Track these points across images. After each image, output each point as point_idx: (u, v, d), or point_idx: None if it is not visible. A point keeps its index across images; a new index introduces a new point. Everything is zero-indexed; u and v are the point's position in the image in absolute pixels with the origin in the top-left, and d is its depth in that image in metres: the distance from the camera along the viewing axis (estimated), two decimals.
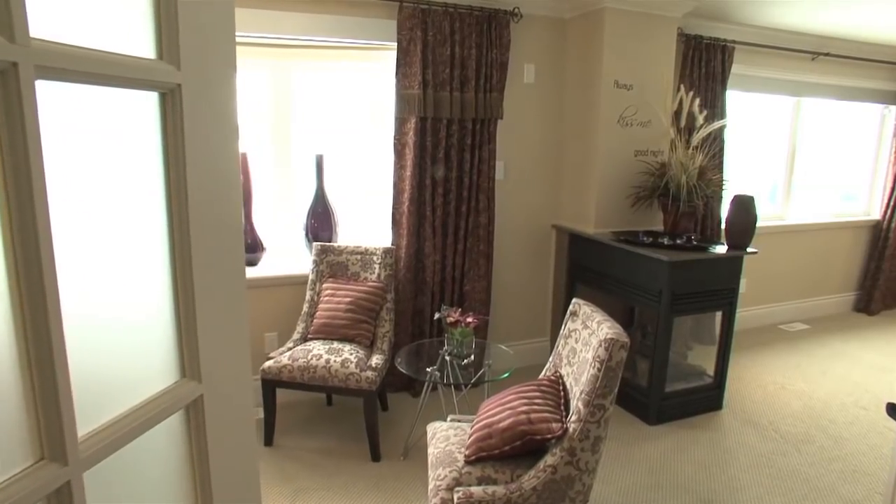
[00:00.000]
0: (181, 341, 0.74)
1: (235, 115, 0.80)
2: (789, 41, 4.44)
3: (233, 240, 0.81)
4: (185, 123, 0.70)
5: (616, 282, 3.47)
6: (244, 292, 0.84)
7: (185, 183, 0.71)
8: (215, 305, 0.78)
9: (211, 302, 0.77)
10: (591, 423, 1.83)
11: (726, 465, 2.89)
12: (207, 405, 0.76)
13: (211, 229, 0.77)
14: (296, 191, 3.51)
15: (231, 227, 0.81)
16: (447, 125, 3.37)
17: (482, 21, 3.34)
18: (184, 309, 0.74)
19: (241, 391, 0.83)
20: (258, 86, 3.34)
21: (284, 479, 2.69)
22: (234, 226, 0.82)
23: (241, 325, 0.83)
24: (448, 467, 1.97)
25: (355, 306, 3.06)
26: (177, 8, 0.67)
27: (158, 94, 0.69)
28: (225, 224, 0.80)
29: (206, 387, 0.76)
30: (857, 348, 4.56)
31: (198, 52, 0.71)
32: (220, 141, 0.77)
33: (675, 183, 3.43)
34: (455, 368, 2.80)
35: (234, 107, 0.80)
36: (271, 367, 2.83)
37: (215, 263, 0.78)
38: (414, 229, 3.41)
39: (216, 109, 0.75)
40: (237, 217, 0.83)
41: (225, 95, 0.77)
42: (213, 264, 0.77)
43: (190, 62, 0.70)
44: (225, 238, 0.79)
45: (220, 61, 0.76)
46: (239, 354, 0.83)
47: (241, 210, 0.84)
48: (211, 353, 0.77)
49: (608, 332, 1.86)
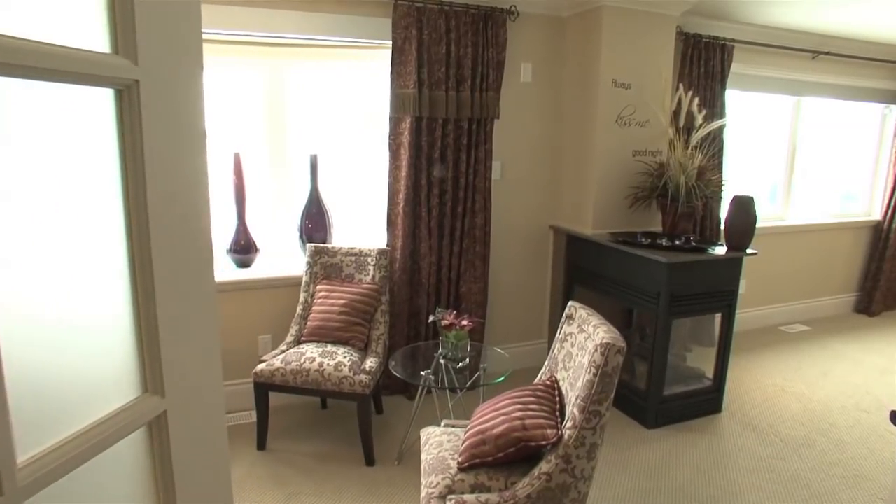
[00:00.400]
0: (142, 353, 0.70)
1: (202, 116, 0.76)
2: (789, 40, 4.39)
3: (200, 244, 0.77)
4: (143, 122, 0.65)
5: (614, 283, 3.43)
6: (214, 299, 0.80)
7: (143, 185, 0.66)
8: (180, 313, 0.74)
9: (175, 310, 0.72)
10: (586, 429, 1.79)
11: (725, 469, 2.85)
12: (172, 421, 0.72)
13: (175, 233, 0.72)
14: (290, 191, 3.47)
15: (197, 231, 0.77)
16: (443, 125, 3.33)
17: (478, 19, 3.30)
18: (144, 318, 0.69)
19: (211, 405, 0.79)
20: (252, 85, 3.30)
21: (277, 484, 2.65)
22: (200, 229, 0.77)
23: (211, 333, 0.79)
24: (440, 474, 1.93)
25: (349, 308, 3.02)
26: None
27: (114, 90, 0.65)
28: (191, 227, 0.75)
29: (170, 402, 0.72)
30: (858, 350, 4.52)
31: (158, 47, 0.67)
32: (185, 141, 0.72)
33: (673, 183, 3.39)
34: (450, 372, 2.76)
35: (200, 106, 0.75)
36: (263, 371, 2.79)
37: (180, 269, 0.73)
38: (409, 230, 3.37)
39: (180, 108, 0.71)
40: (204, 220, 0.79)
41: (190, 94, 0.73)
42: (178, 270, 0.73)
43: (149, 57, 0.66)
44: (191, 242, 0.75)
45: (185, 58, 0.71)
46: (208, 366, 0.79)
47: (209, 213, 0.80)
48: (176, 364, 0.73)
49: (604, 337, 1.82)
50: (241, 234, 3.29)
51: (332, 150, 3.49)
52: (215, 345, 0.80)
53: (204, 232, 0.78)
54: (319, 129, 3.46)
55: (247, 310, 3.29)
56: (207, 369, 0.79)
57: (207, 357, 0.79)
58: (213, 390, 0.79)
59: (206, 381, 0.78)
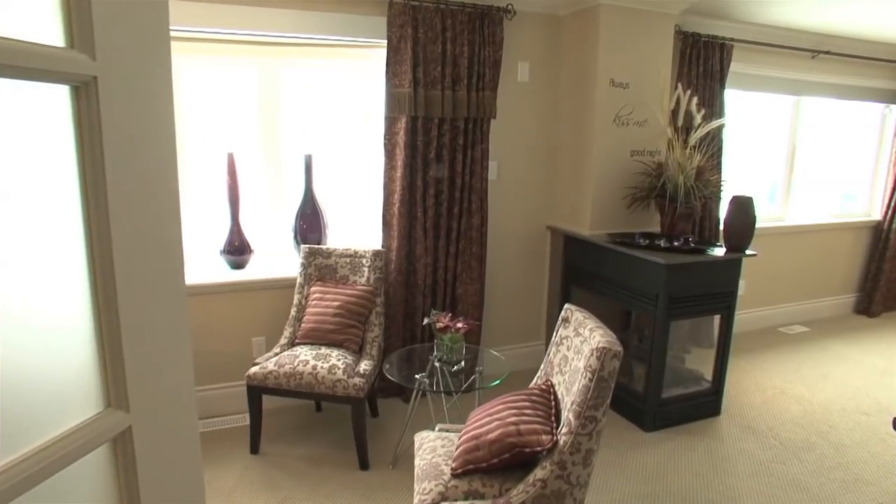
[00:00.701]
0: (104, 365, 0.66)
1: (170, 115, 0.72)
2: (789, 39, 4.36)
3: (168, 247, 0.73)
4: (103, 121, 0.62)
5: (612, 285, 3.39)
6: (184, 305, 0.76)
7: (104, 186, 0.63)
8: (147, 322, 0.70)
9: (141, 319, 0.69)
10: (582, 435, 1.75)
11: (724, 473, 2.81)
12: (138, 437, 0.68)
13: (141, 236, 0.68)
14: (285, 192, 3.43)
15: (166, 234, 0.73)
16: (439, 124, 3.29)
17: (474, 18, 3.26)
18: (106, 328, 0.65)
19: (181, 419, 0.75)
20: (246, 84, 3.26)
21: (270, 488, 2.61)
22: (169, 232, 0.73)
23: (181, 342, 0.75)
24: (434, 480, 1.89)
25: (344, 310, 2.98)
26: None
27: (70, 87, 0.61)
28: (158, 230, 0.71)
29: (135, 417, 0.68)
30: (858, 351, 4.48)
31: (118, 43, 0.63)
32: (150, 142, 0.69)
33: (672, 183, 3.35)
34: (445, 375, 2.72)
35: (167, 106, 0.71)
36: (257, 374, 2.76)
37: (147, 274, 0.69)
38: (405, 231, 3.34)
39: (144, 108, 0.67)
40: (173, 223, 0.75)
41: (156, 93, 0.69)
42: (144, 275, 0.69)
43: (108, 53, 0.62)
44: (158, 245, 0.71)
45: (149, 55, 0.67)
46: (178, 377, 0.75)
47: (178, 215, 0.76)
48: (142, 377, 0.69)
49: (600, 341, 1.78)
50: (234, 235, 3.25)
51: (326, 151, 3.45)
52: (186, 355, 0.76)
53: (173, 235, 0.74)
54: (314, 128, 3.43)
55: (241, 311, 3.25)
56: (177, 381, 0.75)
57: (177, 368, 0.75)
58: (183, 403, 0.76)
59: (175, 394, 0.74)
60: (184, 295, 0.76)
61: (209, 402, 3.23)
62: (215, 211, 3.28)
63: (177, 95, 3.13)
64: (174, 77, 3.09)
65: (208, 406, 3.23)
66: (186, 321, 0.77)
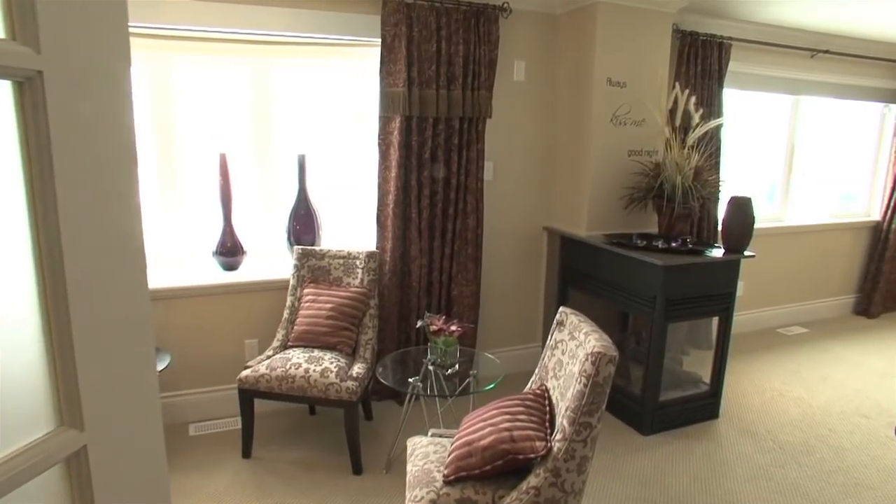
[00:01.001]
0: (55, 380, 0.62)
1: (128, 114, 0.67)
2: (787, 38, 4.32)
3: (128, 252, 0.69)
4: (50, 119, 0.58)
5: (609, 286, 3.35)
6: (147, 312, 0.72)
7: (52, 187, 0.58)
8: (103, 331, 0.65)
9: (97, 328, 0.64)
10: (576, 442, 1.71)
11: (723, 477, 2.77)
12: (94, 457, 0.64)
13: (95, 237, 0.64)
14: (278, 192, 3.39)
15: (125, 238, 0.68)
16: (433, 124, 3.25)
17: (470, 16, 3.22)
18: (57, 338, 0.61)
19: (144, 436, 0.71)
20: (238, 84, 3.22)
21: (262, 493, 2.57)
22: (128, 236, 0.69)
23: (143, 353, 0.71)
24: (425, 488, 1.85)
25: (337, 313, 2.94)
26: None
27: (12, 82, 0.57)
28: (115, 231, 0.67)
29: (91, 435, 0.64)
30: (857, 353, 4.45)
31: (67, 35, 0.59)
32: (107, 142, 0.64)
33: (669, 184, 3.31)
34: (439, 379, 2.68)
35: (125, 104, 0.67)
36: (248, 377, 2.72)
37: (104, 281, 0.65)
38: (399, 232, 3.29)
39: (98, 105, 0.63)
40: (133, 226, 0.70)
41: (113, 91, 0.64)
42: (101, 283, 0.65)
43: (55, 46, 0.58)
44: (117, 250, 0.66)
45: (105, 50, 0.63)
46: (141, 391, 0.71)
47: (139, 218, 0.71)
48: (98, 392, 0.64)
49: (595, 345, 1.74)
50: (227, 236, 3.21)
51: (320, 151, 3.41)
52: (149, 366, 0.72)
53: (133, 236, 0.69)
54: (307, 128, 3.38)
55: (233, 313, 3.21)
56: (140, 395, 0.70)
57: (140, 381, 0.70)
58: (146, 418, 0.71)
59: (137, 409, 0.70)
60: (147, 300, 0.72)
61: (201, 405, 3.19)
62: (207, 212, 3.23)
63: (169, 95, 3.09)
64: (168, 76, 3.06)
65: (200, 409, 3.19)
66: (150, 329, 0.72)
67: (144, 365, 0.71)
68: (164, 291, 3.01)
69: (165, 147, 3.14)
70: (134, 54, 2.95)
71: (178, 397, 3.15)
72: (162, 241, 3.20)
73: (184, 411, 3.16)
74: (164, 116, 3.10)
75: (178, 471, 2.72)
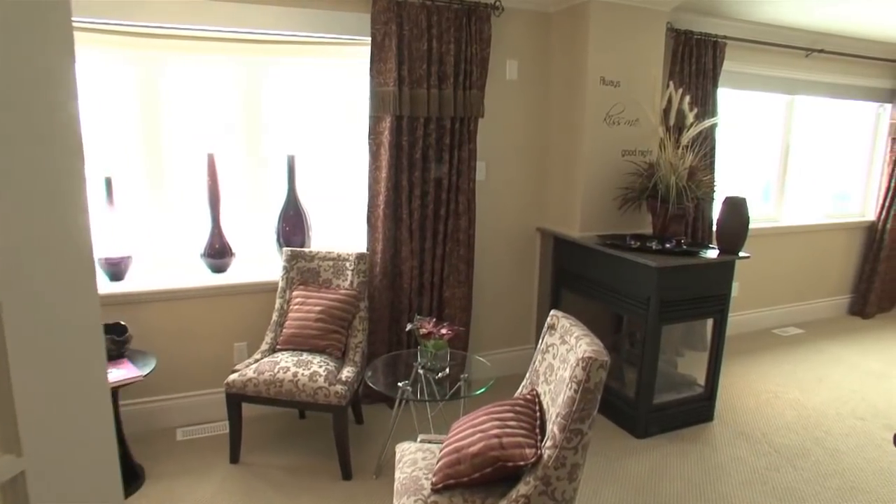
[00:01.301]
0: None
1: (73, 112, 0.63)
2: (782, 37, 4.29)
3: (74, 257, 0.64)
4: None
5: (602, 287, 3.31)
6: (97, 321, 0.67)
7: None
8: (43, 346, 0.60)
9: (35, 343, 0.59)
10: (567, 449, 1.67)
11: (717, 481, 2.74)
12: (33, 484, 0.60)
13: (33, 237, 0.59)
14: (267, 193, 3.34)
15: (68, 236, 0.63)
16: (424, 124, 3.21)
17: (461, 15, 3.18)
18: None
19: (93, 459, 0.66)
20: (226, 83, 3.17)
21: (250, 499, 2.53)
22: (72, 234, 0.64)
23: (93, 368, 0.66)
24: (413, 496, 1.81)
25: (326, 315, 2.89)
26: None
27: None
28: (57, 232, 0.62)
29: (30, 461, 0.59)
30: (853, 353, 4.42)
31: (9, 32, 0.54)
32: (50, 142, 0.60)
33: (664, 184, 3.28)
34: (430, 383, 2.64)
35: (70, 101, 0.63)
36: (235, 381, 2.67)
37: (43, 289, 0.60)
38: (390, 233, 3.25)
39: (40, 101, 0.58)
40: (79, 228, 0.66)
41: (56, 85, 0.60)
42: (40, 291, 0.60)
43: None
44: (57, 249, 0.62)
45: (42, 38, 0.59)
46: (91, 410, 0.66)
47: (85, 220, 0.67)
48: (38, 412, 0.60)
49: (586, 350, 1.70)
50: (215, 238, 3.16)
51: (309, 151, 3.36)
52: (99, 380, 0.67)
53: (79, 239, 0.65)
54: (297, 128, 3.34)
55: (222, 316, 3.16)
56: (88, 414, 0.66)
57: (88, 398, 0.66)
58: (97, 440, 0.67)
59: (85, 430, 0.65)
60: (96, 309, 0.67)
61: (189, 409, 3.14)
62: (196, 213, 3.18)
63: (157, 94, 3.04)
64: (156, 75, 3.00)
65: (188, 413, 3.14)
66: (100, 338, 0.68)
67: (94, 380, 0.66)
68: (150, 294, 2.96)
69: (153, 146, 3.09)
70: (121, 53, 2.91)
71: (166, 401, 3.10)
72: (149, 243, 3.15)
73: (171, 415, 3.11)
74: (151, 116, 3.05)
75: (165, 476, 2.67)
